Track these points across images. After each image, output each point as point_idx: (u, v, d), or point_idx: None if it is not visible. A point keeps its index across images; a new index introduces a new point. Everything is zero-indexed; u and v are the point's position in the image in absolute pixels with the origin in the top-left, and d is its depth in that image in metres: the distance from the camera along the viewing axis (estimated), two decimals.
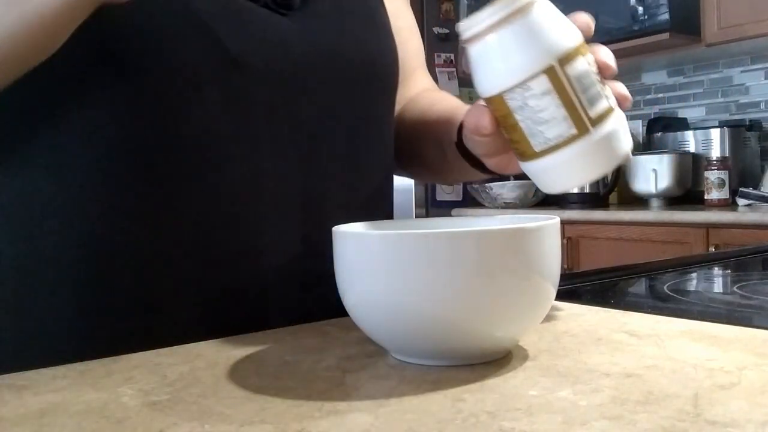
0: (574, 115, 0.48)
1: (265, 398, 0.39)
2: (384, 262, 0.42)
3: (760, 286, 0.77)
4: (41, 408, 0.39)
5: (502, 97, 0.49)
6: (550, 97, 0.48)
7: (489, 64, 0.49)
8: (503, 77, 0.49)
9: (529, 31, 0.48)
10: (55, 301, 0.58)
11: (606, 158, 0.50)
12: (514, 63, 0.48)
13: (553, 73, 0.48)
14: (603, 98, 0.49)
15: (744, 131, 2.73)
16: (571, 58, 0.48)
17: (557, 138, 0.48)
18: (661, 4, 2.59)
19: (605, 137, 0.49)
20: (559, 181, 0.51)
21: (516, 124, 0.49)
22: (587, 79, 0.49)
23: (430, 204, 3.17)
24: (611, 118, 0.49)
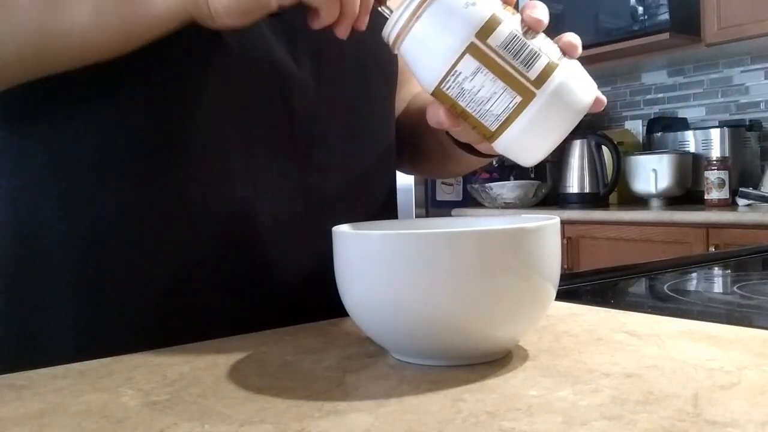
0: (513, 82, 0.47)
1: (265, 398, 0.39)
2: (384, 262, 0.42)
3: (760, 286, 0.77)
4: (41, 408, 0.39)
5: (440, 90, 0.49)
6: (482, 74, 0.47)
7: (416, 62, 0.49)
8: (432, 70, 0.48)
9: (438, 18, 0.47)
10: (55, 301, 0.58)
11: (564, 113, 0.48)
12: (436, 53, 0.48)
13: (476, 50, 0.47)
14: (540, 56, 0.47)
15: (744, 131, 2.72)
16: (490, 28, 0.47)
17: (506, 111, 0.48)
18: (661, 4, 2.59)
19: (554, 93, 0.47)
20: (529, 151, 0.50)
21: (464, 110, 0.49)
22: (516, 43, 0.47)
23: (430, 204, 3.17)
24: (556, 72, 0.48)
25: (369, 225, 0.52)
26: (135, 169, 0.57)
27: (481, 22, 0.46)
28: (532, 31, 0.48)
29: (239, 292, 0.59)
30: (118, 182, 0.57)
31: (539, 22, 0.48)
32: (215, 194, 0.58)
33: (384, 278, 0.42)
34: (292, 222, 0.61)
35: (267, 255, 0.60)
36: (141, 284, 0.57)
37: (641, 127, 3.12)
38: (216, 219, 0.58)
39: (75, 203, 0.57)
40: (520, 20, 0.48)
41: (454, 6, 0.47)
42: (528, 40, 0.47)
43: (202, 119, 0.57)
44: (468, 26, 0.46)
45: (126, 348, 0.51)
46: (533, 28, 0.48)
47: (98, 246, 0.57)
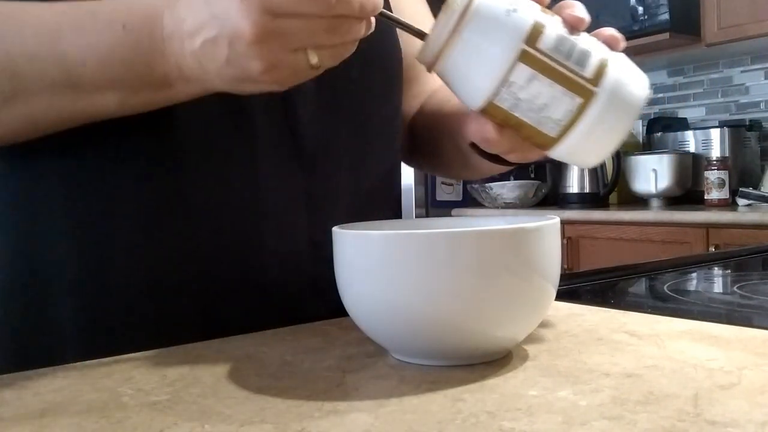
0: (571, 84, 0.45)
1: (265, 398, 0.39)
2: (384, 262, 0.42)
3: (760, 286, 0.77)
4: (41, 408, 0.39)
5: (492, 104, 0.47)
6: (537, 81, 0.45)
7: (462, 79, 0.47)
8: (481, 86, 0.46)
9: (481, 31, 0.45)
10: (55, 302, 0.58)
11: (627, 107, 0.47)
12: (484, 67, 0.46)
13: (528, 56, 0.45)
14: (591, 53, 0.46)
15: (744, 131, 2.73)
16: (537, 32, 0.45)
17: (567, 115, 0.46)
18: (661, 4, 2.59)
19: (614, 88, 0.46)
20: (593, 152, 0.48)
21: (520, 121, 0.47)
22: (565, 44, 0.46)
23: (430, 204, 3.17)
24: (610, 67, 0.46)
25: (369, 225, 0.52)
26: (136, 172, 0.57)
27: (528, 28, 0.45)
28: (575, 30, 0.47)
29: (240, 292, 0.59)
30: (120, 186, 0.57)
31: (581, 20, 0.47)
32: (218, 198, 0.58)
33: (384, 278, 0.42)
34: (295, 224, 0.61)
35: (269, 256, 0.60)
36: (142, 285, 0.57)
37: (641, 127, 3.13)
38: (219, 222, 0.58)
39: (77, 205, 0.57)
40: (561, 21, 0.47)
41: (496, 16, 0.45)
42: (574, 38, 0.46)
43: (203, 125, 0.57)
44: (515, 34, 0.45)
45: (126, 348, 0.51)
46: (576, 27, 0.47)
47: (100, 247, 0.57)
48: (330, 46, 0.45)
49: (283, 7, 0.42)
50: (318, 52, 0.45)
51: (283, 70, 0.45)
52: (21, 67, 0.50)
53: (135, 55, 0.49)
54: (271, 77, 0.46)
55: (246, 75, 0.46)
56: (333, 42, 0.45)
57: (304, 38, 0.44)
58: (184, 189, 0.57)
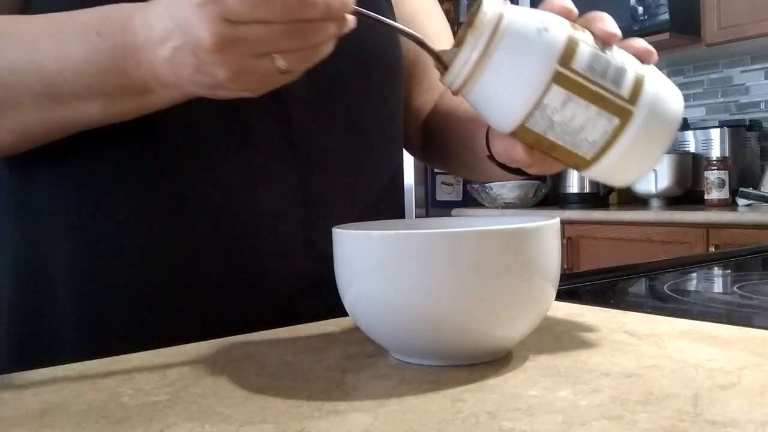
0: (607, 104, 0.43)
1: (265, 398, 0.39)
2: (384, 262, 0.42)
3: (760, 286, 0.77)
4: (41, 408, 0.39)
5: (524, 127, 0.45)
6: (572, 103, 0.43)
7: (491, 102, 0.45)
8: (513, 109, 0.44)
9: (512, 52, 0.43)
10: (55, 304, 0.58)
11: (665, 124, 0.45)
12: (517, 90, 0.44)
13: (562, 77, 0.43)
14: (626, 69, 0.44)
15: (744, 131, 2.73)
16: (570, 50, 0.43)
17: (603, 136, 0.44)
18: (661, 4, 2.59)
19: (652, 106, 0.44)
20: (631, 172, 0.46)
21: (553, 143, 0.45)
22: (599, 61, 0.43)
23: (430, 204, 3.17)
24: (647, 83, 0.44)
25: (369, 225, 0.52)
26: (133, 175, 0.57)
27: (561, 47, 0.43)
28: (607, 45, 0.45)
29: (236, 292, 0.59)
30: (117, 189, 0.57)
31: (614, 35, 0.45)
32: (214, 199, 0.58)
33: (384, 278, 0.42)
34: (291, 225, 0.61)
35: (266, 257, 0.60)
36: (141, 286, 0.57)
37: None
38: (215, 222, 0.58)
39: (76, 208, 0.58)
40: (591, 36, 0.45)
41: (527, 36, 0.43)
42: (608, 55, 0.44)
43: (198, 127, 0.57)
44: (548, 54, 0.43)
45: (126, 348, 0.51)
46: (608, 41, 0.45)
47: (99, 249, 0.57)
48: (297, 50, 0.44)
49: (240, 14, 0.41)
50: (285, 57, 0.43)
51: (250, 77, 0.44)
52: (3, 79, 0.50)
53: (110, 62, 0.48)
54: (239, 84, 0.44)
55: (215, 82, 0.45)
56: (298, 46, 0.43)
57: (265, 44, 0.42)
58: (179, 190, 0.57)
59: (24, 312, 0.60)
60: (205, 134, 0.58)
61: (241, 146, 0.59)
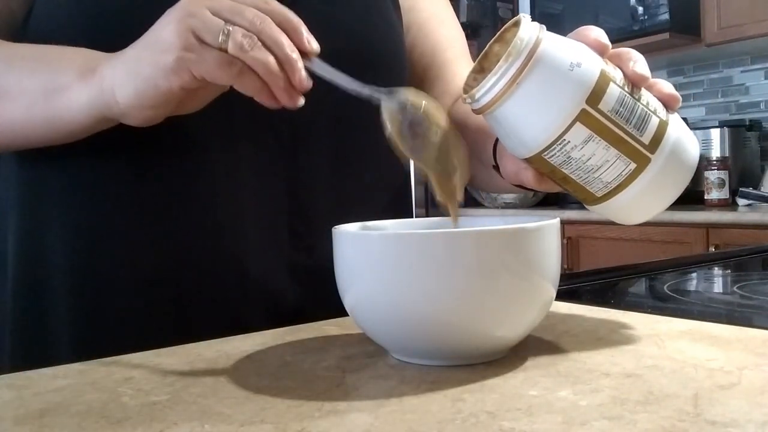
0: (627, 149, 0.43)
1: (265, 398, 0.39)
2: (384, 262, 0.42)
3: (760, 286, 0.77)
4: (41, 408, 0.39)
5: (540, 157, 0.44)
6: (593, 143, 0.42)
7: (512, 129, 0.44)
8: (533, 140, 0.43)
9: (542, 84, 0.42)
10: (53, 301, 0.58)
11: (679, 174, 0.45)
12: (540, 122, 0.43)
13: (588, 117, 0.42)
14: (651, 115, 0.43)
15: (744, 131, 2.72)
16: (600, 90, 0.42)
17: (617, 179, 0.44)
18: (661, 4, 2.59)
19: (670, 156, 0.43)
20: (637, 214, 0.46)
21: (566, 176, 0.45)
22: (626, 105, 0.43)
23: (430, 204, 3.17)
24: (669, 132, 0.44)
25: (369, 225, 0.52)
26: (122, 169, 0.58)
27: (591, 86, 0.42)
28: (636, 87, 0.44)
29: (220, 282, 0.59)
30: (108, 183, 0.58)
31: (645, 78, 0.44)
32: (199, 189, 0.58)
33: (384, 278, 0.42)
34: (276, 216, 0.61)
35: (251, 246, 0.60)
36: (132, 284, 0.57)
37: None
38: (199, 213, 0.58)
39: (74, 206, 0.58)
40: (622, 76, 0.44)
41: (560, 70, 0.42)
42: (636, 98, 0.43)
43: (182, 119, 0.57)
44: (577, 92, 0.42)
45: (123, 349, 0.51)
46: (637, 84, 0.44)
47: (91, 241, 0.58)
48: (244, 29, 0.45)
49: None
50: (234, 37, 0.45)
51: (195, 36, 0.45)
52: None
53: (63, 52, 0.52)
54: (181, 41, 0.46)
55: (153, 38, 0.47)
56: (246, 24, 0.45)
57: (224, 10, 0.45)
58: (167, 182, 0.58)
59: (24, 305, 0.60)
60: (191, 127, 0.58)
61: (224, 137, 0.59)
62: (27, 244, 0.60)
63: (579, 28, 0.46)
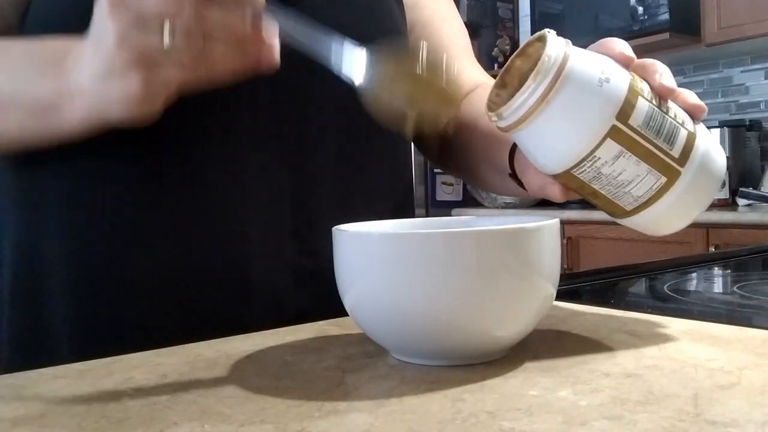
0: (658, 163, 0.43)
1: (265, 398, 0.39)
2: (384, 262, 0.42)
3: (760, 286, 0.77)
4: (41, 408, 0.39)
5: (570, 173, 0.44)
6: (624, 158, 0.42)
7: (540, 147, 0.44)
8: (563, 157, 0.43)
9: (572, 102, 0.42)
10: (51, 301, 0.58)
11: (709, 185, 0.44)
12: (570, 140, 0.42)
13: (618, 133, 0.42)
14: (679, 128, 0.43)
15: (744, 131, 2.73)
16: (629, 105, 0.42)
17: (648, 193, 0.44)
18: (661, 4, 2.60)
19: (699, 168, 0.43)
20: (665, 227, 0.47)
21: (595, 192, 0.45)
22: (656, 118, 0.42)
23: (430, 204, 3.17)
24: (697, 144, 0.43)
25: (369, 225, 0.52)
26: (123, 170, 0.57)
27: (621, 102, 0.42)
28: (663, 100, 0.44)
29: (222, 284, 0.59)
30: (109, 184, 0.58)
31: (672, 91, 0.44)
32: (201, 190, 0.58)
33: (384, 278, 0.42)
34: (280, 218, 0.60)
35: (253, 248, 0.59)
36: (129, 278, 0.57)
37: None
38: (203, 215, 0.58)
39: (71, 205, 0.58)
40: (649, 89, 0.43)
41: (589, 86, 0.42)
42: (664, 111, 0.43)
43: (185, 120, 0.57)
44: (607, 108, 0.41)
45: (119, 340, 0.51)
46: (664, 97, 0.44)
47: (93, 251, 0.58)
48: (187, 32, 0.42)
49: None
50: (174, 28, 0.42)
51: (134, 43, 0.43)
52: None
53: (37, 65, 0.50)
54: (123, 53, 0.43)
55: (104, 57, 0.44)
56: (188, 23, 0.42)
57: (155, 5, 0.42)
58: (169, 183, 0.58)
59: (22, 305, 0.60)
60: (193, 129, 0.57)
61: (228, 138, 0.59)
62: (25, 246, 0.60)
63: (601, 40, 0.46)
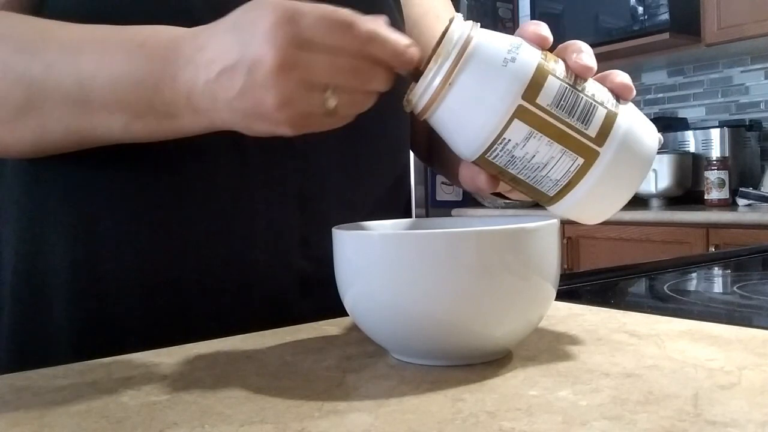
0: (572, 143, 0.41)
1: (265, 398, 0.39)
2: (384, 262, 0.42)
3: (760, 286, 0.77)
4: (41, 408, 0.39)
5: (485, 158, 0.43)
6: (535, 139, 0.41)
7: (453, 131, 0.43)
8: (473, 141, 0.42)
9: (474, 81, 0.41)
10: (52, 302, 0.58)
11: (633, 166, 0.43)
12: (477, 121, 0.41)
13: (525, 112, 0.40)
14: (596, 107, 0.42)
15: (744, 131, 2.73)
16: (537, 85, 0.40)
17: (566, 176, 0.42)
18: (661, 4, 2.60)
19: (620, 148, 0.42)
20: (596, 212, 0.45)
21: (515, 177, 0.44)
22: (568, 97, 0.41)
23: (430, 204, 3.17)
24: (618, 123, 0.42)
25: (369, 225, 0.52)
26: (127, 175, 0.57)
27: (527, 80, 0.40)
28: (581, 78, 0.42)
29: (228, 289, 0.59)
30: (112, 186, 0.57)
31: (589, 68, 0.43)
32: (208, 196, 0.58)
33: (384, 278, 0.42)
34: (287, 223, 0.60)
35: (260, 254, 0.59)
36: (134, 284, 0.57)
37: None
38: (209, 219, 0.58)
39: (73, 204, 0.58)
40: (564, 67, 0.42)
41: (492, 65, 0.41)
42: (579, 90, 0.42)
43: None
44: (512, 87, 0.40)
45: (122, 344, 0.51)
46: (582, 75, 0.42)
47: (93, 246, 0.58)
48: (350, 91, 0.43)
49: (312, 37, 0.41)
50: (337, 96, 0.43)
51: (297, 107, 0.43)
52: (37, 76, 0.49)
53: (145, 75, 0.47)
54: (284, 114, 0.43)
55: (258, 109, 0.43)
56: (354, 85, 0.43)
57: (326, 74, 0.42)
58: (174, 187, 0.57)
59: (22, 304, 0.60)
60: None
61: (235, 142, 0.58)
62: (26, 246, 0.60)
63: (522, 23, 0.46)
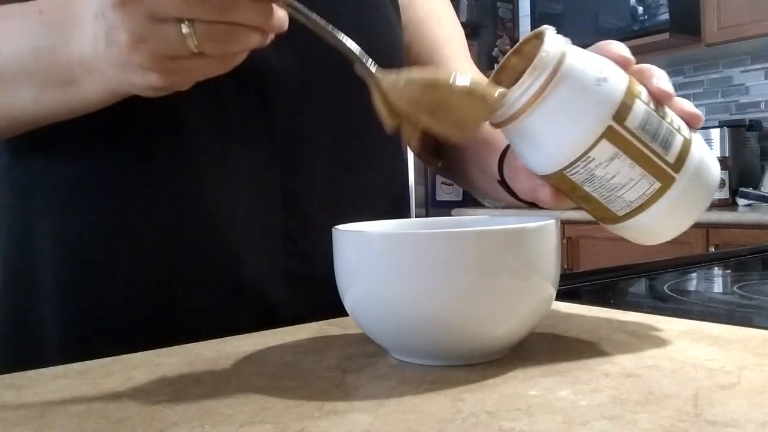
0: (653, 167, 0.42)
1: (265, 398, 0.39)
2: (384, 262, 0.42)
3: (760, 286, 0.77)
4: (41, 408, 0.39)
5: (562, 174, 0.43)
6: (618, 161, 0.41)
7: (533, 145, 0.43)
8: (556, 156, 0.42)
9: (568, 99, 0.41)
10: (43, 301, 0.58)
11: (702, 194, 0.44)
12: (565, 138, 0.42)
13: (614, 134, 0.41)
14: (676, 133, 0.42)
15: (744, 131, 2.73)
16: (626, 107, 0.41)
17: (641, 198, 0.43)
18: (661, 4, 2.60)
19: (694, 175, 0.43)
20: (656, 235, 0.45)
21: (587, 195, 0.44)
22: (652, 122, 0.42)
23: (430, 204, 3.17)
24: (693, 151, 0.43)
25: (369, 225, 0.52)
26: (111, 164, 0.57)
27: (618, 102, 0.41)
28: (660, 104, 0.43)
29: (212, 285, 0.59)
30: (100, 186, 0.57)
31: (669, 95, 0.43)
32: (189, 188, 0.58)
33: (384, 278, 0.42)
34: (271, 220, 0.60)
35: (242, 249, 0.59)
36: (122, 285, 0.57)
37: None
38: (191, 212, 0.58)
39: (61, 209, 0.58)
40: (646, 92, 0.43)
41: (586, 84, 0.41)
42: (660, 115, 0.42)
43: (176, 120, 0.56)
44: (604, 108, 0.41)
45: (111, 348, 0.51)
46: (662, 101, 0.43)
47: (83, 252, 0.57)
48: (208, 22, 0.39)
49: None
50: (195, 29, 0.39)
51: (152, 44, 0.40)
52: None
53: (44, 41, 0.47)
54: (139, 54, 0.40)
55: (120, 55, 0.41)
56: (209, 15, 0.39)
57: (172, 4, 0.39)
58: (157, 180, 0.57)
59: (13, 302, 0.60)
60: (183, 124, 0.57)
61: (219, 139, 0.58)
62: (16, 246, 0.60)
63: (599, 42, 0.45)
